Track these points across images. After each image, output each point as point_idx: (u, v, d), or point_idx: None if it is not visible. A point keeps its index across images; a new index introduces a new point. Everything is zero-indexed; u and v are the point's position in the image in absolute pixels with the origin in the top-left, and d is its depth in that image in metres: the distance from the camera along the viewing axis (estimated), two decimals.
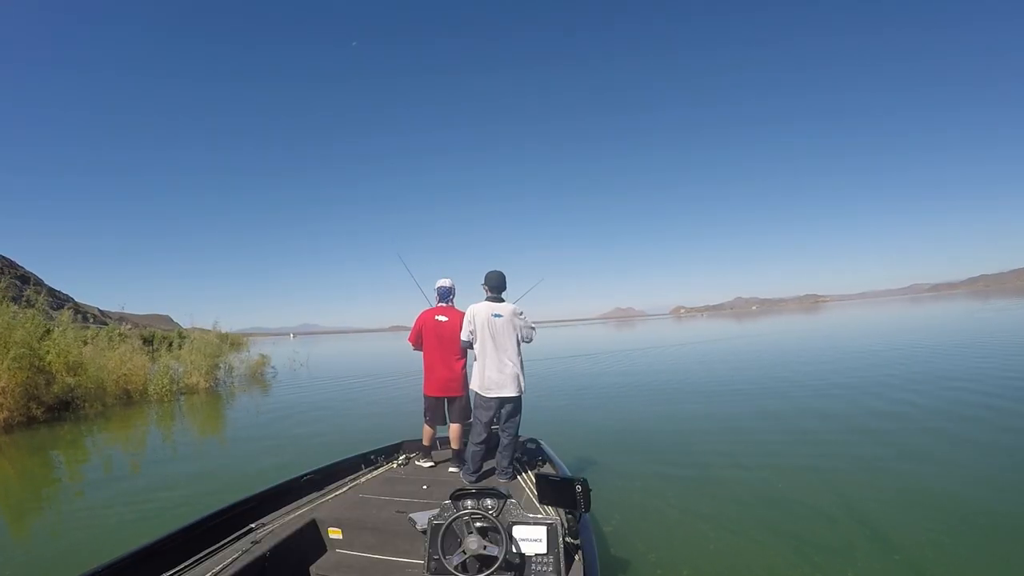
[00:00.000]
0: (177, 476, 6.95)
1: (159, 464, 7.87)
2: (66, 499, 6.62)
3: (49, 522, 5.68)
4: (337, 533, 3.36)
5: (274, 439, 9.10)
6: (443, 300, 4.81)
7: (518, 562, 2.66)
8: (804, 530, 4.17)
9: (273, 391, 17.03)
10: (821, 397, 9.65)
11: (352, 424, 10.29)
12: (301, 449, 8.01)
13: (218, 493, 5.47)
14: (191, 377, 16.99)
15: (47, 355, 12.72)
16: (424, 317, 4.76)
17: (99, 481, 7.04)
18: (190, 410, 13.88)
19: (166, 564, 2.69)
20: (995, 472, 5.22)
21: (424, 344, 4.73)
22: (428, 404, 4.79)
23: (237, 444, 9.41)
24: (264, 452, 8.10)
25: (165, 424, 12.06)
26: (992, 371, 10.93)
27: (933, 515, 4.29)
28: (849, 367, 13.41)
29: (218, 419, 12.86)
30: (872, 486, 5.03)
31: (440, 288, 4.82)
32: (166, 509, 5.46)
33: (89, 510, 5.74)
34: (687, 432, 7.85)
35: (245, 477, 6.48)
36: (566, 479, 2.94)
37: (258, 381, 19.49)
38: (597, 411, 9.99)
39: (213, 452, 8.99)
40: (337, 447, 6.89)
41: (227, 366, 19.01)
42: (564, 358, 22.37)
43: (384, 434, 6.38)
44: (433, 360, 4.70)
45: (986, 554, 3.63)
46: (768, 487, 5.19)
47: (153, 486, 6.46)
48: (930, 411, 7.87)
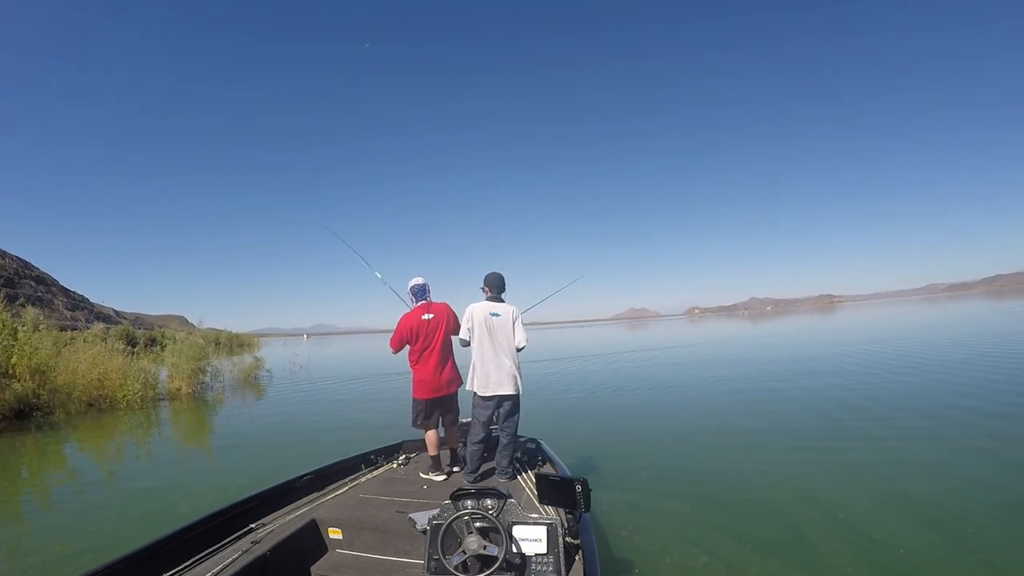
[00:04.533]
0: (115, 497, 6.15)
1: (86, 490, 6.60)
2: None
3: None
4: (337, 533, 3.36)
5: (244, 449, 8.39)
6: (421, 298, 4.60)
7: (518, 562, 2.64)
8: (804, 531, 4.12)
9: (264, 396, 16.11)
10: (825, 400, 9.51)
11: (334, 433, 9.30)
12: (263, 465, 7.01)
13: (162, 515, 4.98)
14: (173, 382, 15.93)
15: (11, 357, 11.63)
16: (410, 319, 4.48)
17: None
18: (162, 419, 12.58)
19: (166, 564, 2.69)
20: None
21: (414, 346, 4.48)
22: (425, 408, 4.51)
23: (193, 457, 8.49)
24: (224, 469, 7.26)
25: (131, 434, 10.81)
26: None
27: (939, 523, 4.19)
28: (855, 369, 13.21)
29: (186, 428, 11.67)
30: (875, 488, 4.96)
31: (415, 287, 4.62)
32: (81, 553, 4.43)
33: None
34: (688, 433, 7.81)
35: (191, 497, 5.81)
36: (566, 479, 2.91)
37: (251, 385, 18.54)
38: (598, 411, 9.96)
39: (161, 468, 7.65)
40: (319, 455, 5.83)
41: (214, 370, 17.65)
42: (565, 359, 22.31)
43: (384, 434, 6.34)
44: (428, 361, 4.46)
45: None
46: (768, 488, 5.13)
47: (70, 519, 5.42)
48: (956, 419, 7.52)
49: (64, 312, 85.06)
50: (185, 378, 16.07)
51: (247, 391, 17.16)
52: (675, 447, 6.99)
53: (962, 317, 34.23)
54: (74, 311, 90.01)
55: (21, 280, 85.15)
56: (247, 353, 21.53)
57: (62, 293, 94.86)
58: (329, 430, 9.61)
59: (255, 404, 14.71)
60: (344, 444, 7.14)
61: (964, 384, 9.99)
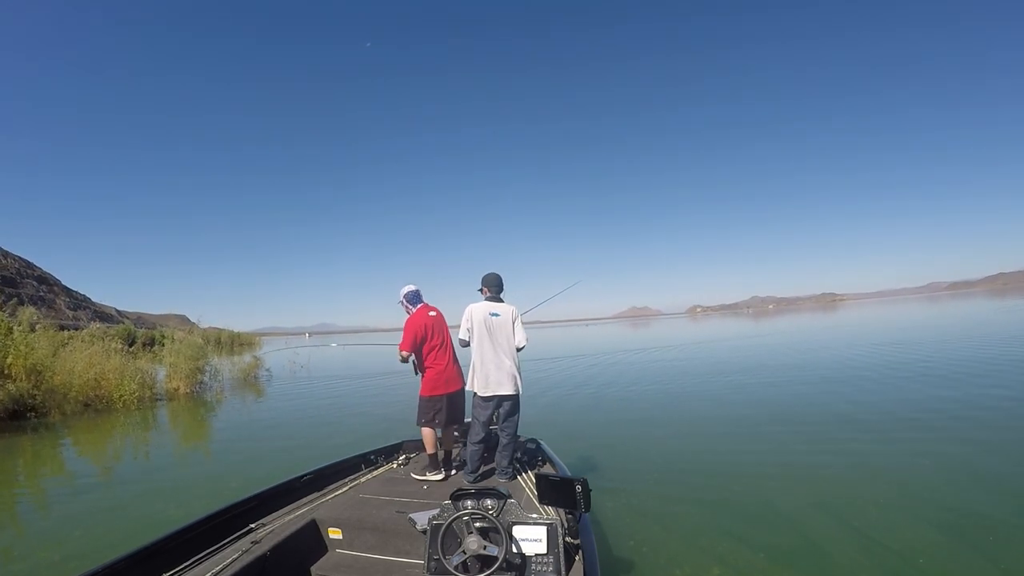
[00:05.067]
0: (104, 501, 5.91)
1: (78, 493, 6.38)
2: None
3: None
4: (337, 533, 3.36)
5: (240, 452, 8.12)
6: (418, 302, 4.69)
7: (518, 562, 2.64)
8: (805, 533, 4.10)
9: (263, 396, 15.93)
10: (836, 400, 9.47)
11: (333, 433, 9.05)
12: (259, 467, 6.79)
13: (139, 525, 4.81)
14: (171, 382, 15.74)
15: (6, 357, 11.53)
16: (420, 319, 4.54)
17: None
18: (158, 419, 12.38)
19: (166, 564, 2.69)
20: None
21: (428, 344, 4.52)
22: (435, 406, 4.50)
23: (186, 460, 8.25)
24: (217, 474, 6.95)
25: (126, 436, 10.58)
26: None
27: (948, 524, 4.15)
28: (859, 367, 13.19)
29: (182, 429, 11.46)
30: (892, 493, 4.88)
31: (410, 293, 4.70)
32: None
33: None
34: (689, 433, 7.79)
35: (182, 503, 5.61)
36: (566, 479, 2.91)
37: (250, 385, 18.35)
38: (598, 411, 9.94)
39: (153, 472, 7.34)
40: (319, 455, 5.81)
41: (212, 370, 17.48)
42: (566, 359, 22.27)
43: (384, 434, 6.32)
44: (442, 356, 4.56)
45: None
46: (769, 489, 5.10)
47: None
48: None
49: (66, 311, 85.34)
50: (183, 378, 15.86)
51: (247, 391, 17.03)
52: (676, 447, 6.97)
53: (969, 315, 33.90)
54: (76, 310, 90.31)
55: (23, 280, 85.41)
56: (247, 352, 21.37)
57: (64, 293, 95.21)
58: (328, 430, 9.55)
59: (254, 404, 14.54)
60: (344, 444, 7.14)
61: (986, 384, 9.74)
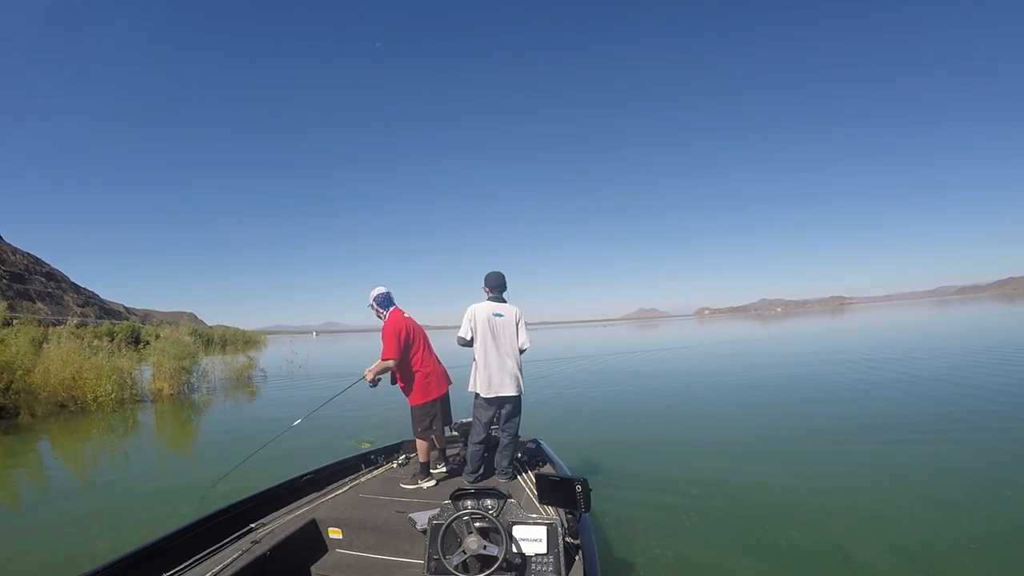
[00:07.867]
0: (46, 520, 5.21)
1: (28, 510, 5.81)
2: None
3: None
4: (337, 533, 3.36)
5: (220, 462, 6.77)
6: (389, 306, 4.45)
7: (518, 562, 2.64)
8: (809, 536, 4.07)
9: (255, 397, 15.27)
10: (836, 400, 9.43)
11: (335, 434, 8.40)
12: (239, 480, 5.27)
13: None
14: (155, 382, 14.93)
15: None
16: (400, 321, 4.29)
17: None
18: (138, 422, 11.42)
19: (166, 564, 2.70)
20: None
21: (413, 346, 4.32)
22: (430, 412, 4.31)
23: (152, 468, 7.40)
24: (178, 489, 6.05)
25: (94, 441, 9.77)
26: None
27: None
28: (862, 369, 13.09)
29: (159, 434, 10.45)
30: (880, 492, 4.89)
31: (380, 296, 4.47)
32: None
33: None
34: (690, 433, 7.76)
35: (142, 523, 5.00)
36: (566, 479, 2.91)
37: (244, 385, 17.61)
38: (598, 412, 9.91)
39: (103, 487, 6.53)
40: (319, 455, 5.34)
41: (200, 370, 16.66)
42: (567, 359, 22.23)
43: (384, 434, 6.28)
44: (429, 357, 4.40)
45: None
46: (773, 491, 5.08)
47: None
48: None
49: (74, 308, 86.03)
50: (167, 378, 15.03)
51: (239, 392, 16.32)
52: (677, 447, 6.94)
53: (982, 320, 33.53)
54: (84, 307, 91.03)
55: (31, 276, 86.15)
56: (241, 352, 20.91)
57: (72, 289, 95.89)
58: (329, 430, 9.02)
59: (245, 405, 13.83)
60: (344, 445, 7.14)
61: (1000, 385, 9.65)
